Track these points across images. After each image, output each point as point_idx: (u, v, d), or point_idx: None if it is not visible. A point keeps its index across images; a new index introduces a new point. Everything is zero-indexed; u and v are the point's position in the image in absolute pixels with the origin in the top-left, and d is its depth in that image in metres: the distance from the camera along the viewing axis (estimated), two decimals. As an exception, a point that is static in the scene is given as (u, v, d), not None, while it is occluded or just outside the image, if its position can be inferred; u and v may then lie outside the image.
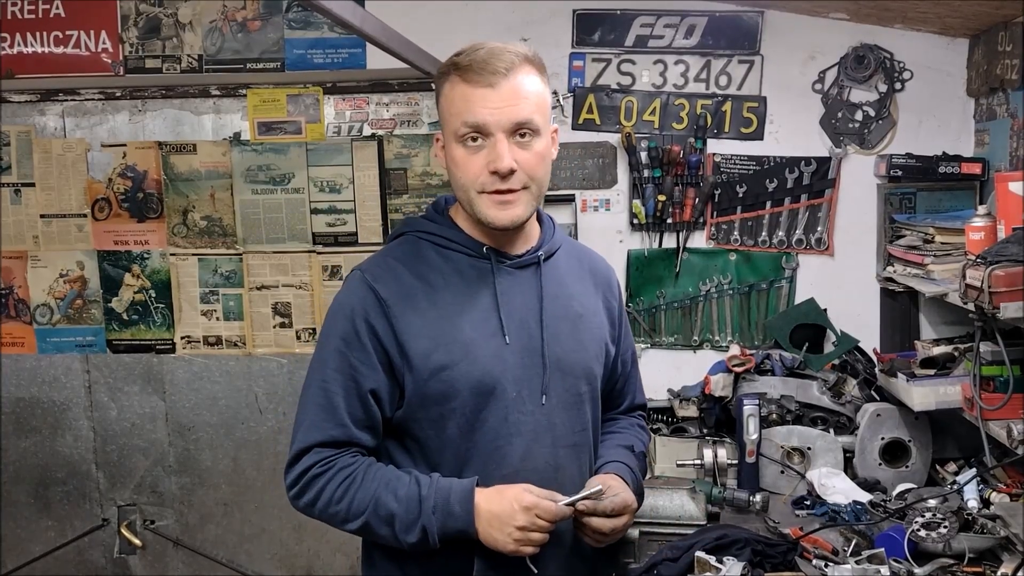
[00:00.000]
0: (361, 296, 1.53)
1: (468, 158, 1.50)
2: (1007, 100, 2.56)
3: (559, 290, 1.63)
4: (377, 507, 1.48)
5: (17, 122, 3.29)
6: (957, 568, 1.86)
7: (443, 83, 1.53)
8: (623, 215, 3.06)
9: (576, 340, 1.63)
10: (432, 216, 1.64)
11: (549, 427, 1.58)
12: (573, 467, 1.63)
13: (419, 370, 1.51)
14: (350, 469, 1.50)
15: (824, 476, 2.40)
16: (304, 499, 1.52)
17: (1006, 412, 1.91)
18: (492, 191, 1.50)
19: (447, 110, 1.52)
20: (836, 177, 2.93)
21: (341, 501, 1.49)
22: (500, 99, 1.48)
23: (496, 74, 1.47)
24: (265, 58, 3.16)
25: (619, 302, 1.77)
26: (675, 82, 2.99)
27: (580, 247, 1.80)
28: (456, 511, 1.47)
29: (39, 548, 3.43)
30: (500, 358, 1.54)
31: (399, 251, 1.60)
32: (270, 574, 3.39)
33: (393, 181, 3.17)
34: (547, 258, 1.63)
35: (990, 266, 1.78)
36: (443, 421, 1.53)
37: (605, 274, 1.77)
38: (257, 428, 3.34)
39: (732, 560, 1.83)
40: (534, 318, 1.58)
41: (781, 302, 3.01)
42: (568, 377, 1.61)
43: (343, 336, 1.52)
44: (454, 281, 1.56)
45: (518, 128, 1.49)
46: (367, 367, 1.51)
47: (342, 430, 1.51)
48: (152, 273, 3.31)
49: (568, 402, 1.61)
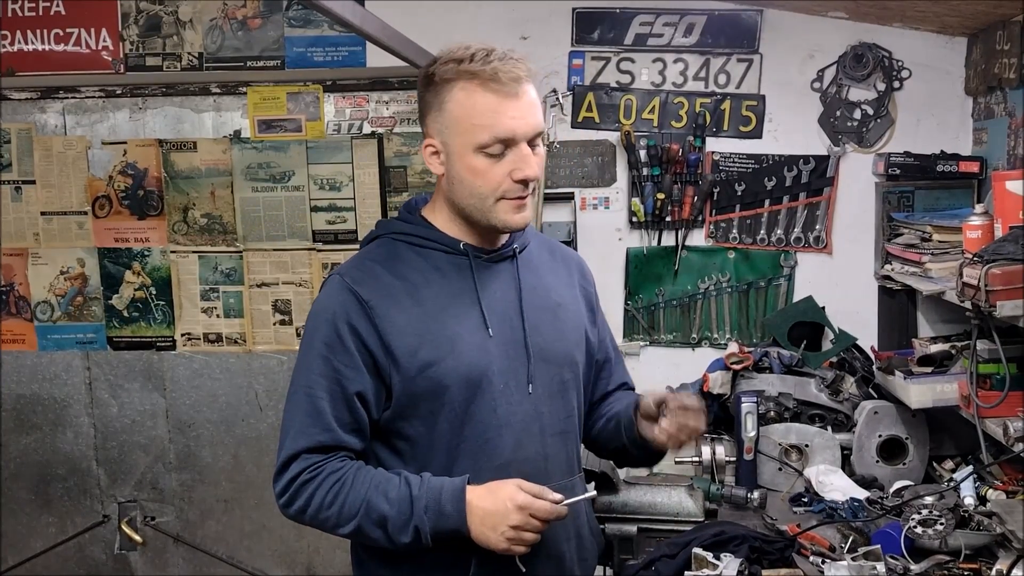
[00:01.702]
0: (342, 300, 1.52)
1: (490, 168, 1.49)
2: (1005, 99, 2.57)
3: (536, 281, 1.65)
4: (369, 510, 1.48)
5: (18, 119, 3.29)
6: (953, 565, 1.87)
7: (451, 89, 1.49)
8: (622, 213, 3.06)
9: (556, 329, 1.64)
10: (406, 217, 1.64)
11: (537, 416, 1.60)
12: (561, 455, 1.64)
13: (406, 368, 1.51)
14: (339, 474, 1.50)
15: (822, 473, 2.41)
16: (295, 506, 1.51)
17: (1002, 410, 1.91)
18: (514, 198, 1.51)
19: (463, 118, 1.48)
20: (834, 175, 2.94)
21: (332, 506, 1.49)
22: (525, 108, 1.48)
23: (518, 82, 1.47)
24: (265, 56, 3.17)
25: (593, 287, 1.79)
26: (674, 80, 3.00)
27: (548, 239, 1.81)
28: (448, 510, 1.46)
29: (40, 544, 3.44)
30: (485, 351, 1.55)
31: (376, 253, 1.60)
32: (270, 570, 3.40)
33: (393, 179, 3.18)
34: (521, 251, 1.65)
35: (987, 264, 1.78)
36: (433, 417, 1.53)
37: (577, 262, 1.80)
38: (257, 425, 3.35)
39: (729, 557, 1.84)
40: (514, 310, 1.59)
41: (779, 300, 3.02)
42: (552, 366, 1.62)
43: (325, 340, 1.52)
44: (434, 278, 1.56)
45: (536, 136, 1.51)
46: (351, 370, 1.51)
47: (329, 435, 1.51)
48: (152, 270, 3.31)
49: (553, 391, 1.63)
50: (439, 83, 1.50)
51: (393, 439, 1.57)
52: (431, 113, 1.53)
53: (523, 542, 1.46)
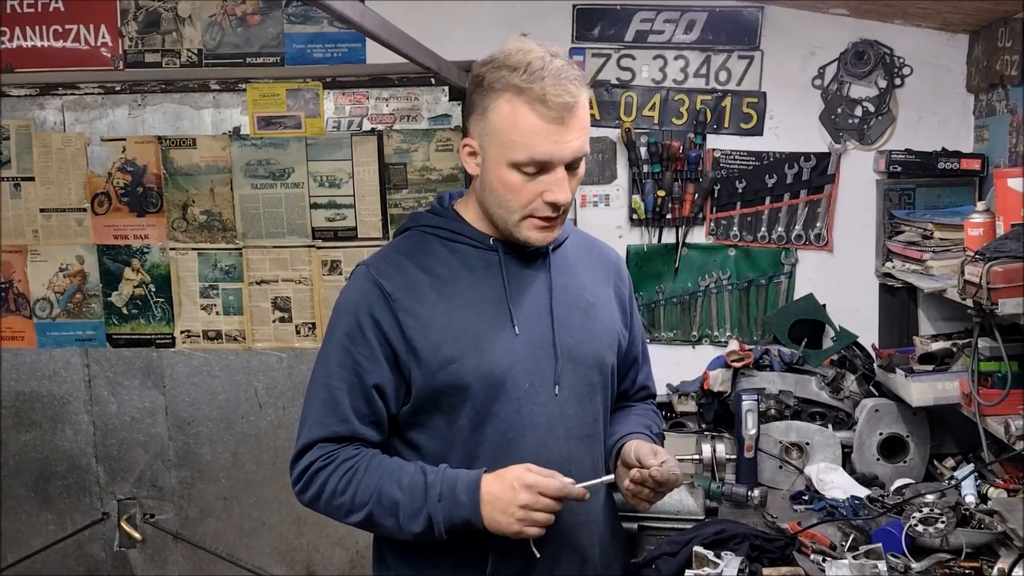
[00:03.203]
0: (365, 291, 1.52)
1: (523, 185, 1.47)
2: (1007, 96, 2.56)
3: (569, 280, 1.62)
4: (381, 496, 1.46)
5: (17, 116, 3.29)
6: (954, 563, 1.87)
7: (497, 98, 1.45)
8: (622, 210, 3.06)
9: (587, 330, 1.61)
10: (437, 210, 1.62)
11: (562, 419, 1.57)
12: (586, 459, 1.60)
13: (427, 363, 1.49)
14: (353, 460, 1.49)
15: (822, 471, 2.40)
16: (308, 493, 1.51)
17: (1004, 408, 1.91)
18: (541, 217, 1.50)
19: (503, 131, 1.45)
20: (835, 173, 2.93)
21: (345, 492, 1.48)
22: (568, 135, 1.44)
23: (566, 108, 1.42)
24: (265, 53, 3.16)
25: (629, 289, 1.76)
26: (675, 77, 2.99)
27: (587, 236, 1.78)
28: (462, 499, 1.44)
29: (39, 542, 3.44)
30: (509, 350, 1.52)
31: (404, 245, 1.59)
32: (269, 568, 3.40)
33: (393, 176, 3.17)
34: (555, 248, 1.62)
35: (988, 262, 1.78)
36: (453, 415, 1.51)
37: (615, 262, 1.76)
38: (257, 422, 3.34)
39: (730, 555, 1.84)
40: (544, 309, 1.57)
41: (780, 298, 3.01)
42: (580, 367, 1.59)
43: (347, 332, 1.51)
44: (462, 273, 1.54)
45: (576, 160, 1.48)
46: (371, 362, 1.50)
47: (345, 426, 1.51)
48: (152, 267, 3.31)
49: (580, 393, 1.60)
50: (487, 88, 1.46)
51: (412, 435, 1.56)
52: (474, 114, 1.50)
53: (535, 523, 1.43)
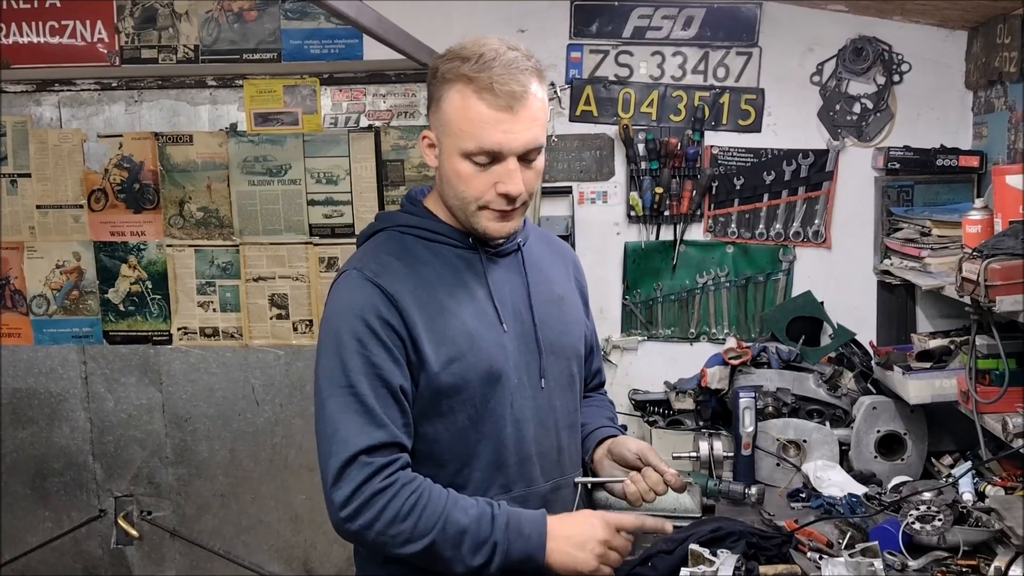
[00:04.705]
0: (367, 293, 1.46)
1: (475, 175, 1.47)
2: (1005, 93, 2.55)
3: (540, 275, 1.64)
4: (447, 524, 1.40)
5: (13, 112, 3.28)
6: (951, 561, 1.87)
7: (448, 89, 1.45)
8: (620, 207, 3.05)
9: (562, 323, 1.65)
10: (410, 210, 1.60)
11: (550, 410, 1.60)
12: (573, 447, 1.66)
13: (431, 364, 1.47)
14: (415, 485, 1.41)
15: (820, 469, 2.40)
16: (363, 518, 1.39)
17: (1001, 405, 1.91)
18: (496, 209, 1.49)
19: (454, 121, 1.45)
20: (834, 170, 2.92)
21: (407, 519, 1.39)
22: (518, 124, 1.43)
23: (514, 97, 1.41)
24: (262, 48, 3.15)
25: (584, 280, 1.81)
26: (673, 74, 2.98)
27: (543, 232, 1.81)
28: (527, 532, 1.43)
29: (36, 539, 3.44)
30: (501, 346, 1.53)
31: (388, 246, 1.55)
32: (267, 565, 3.40)
33: (390, 172, 3.17)
34: (523, 244, 1.64)
35: (986, 259, 1.78)
36: (453, 414, 1.50)
37: (571, 255, 1.82)
38: (254, 419, 3.34)
39: (726, 553, 1.83)
40: (524, 304, 1.59)
41: (778, 295, 3.01)
42: (560, 359, 1.63)
43: (358, 337, 1.43)
44: (445, 273, 1.54)
45: (529, 152, 1.47)
46: (391, 363, 1.44)
47: (386, 431, 1.42)
48: (148, 264, 3.30)
49: (563, 384, 1.64)
50: (440, 79, 1.47)
51: None
52: (431, 106, 1.51)
53: (610, 561, 1.47)
